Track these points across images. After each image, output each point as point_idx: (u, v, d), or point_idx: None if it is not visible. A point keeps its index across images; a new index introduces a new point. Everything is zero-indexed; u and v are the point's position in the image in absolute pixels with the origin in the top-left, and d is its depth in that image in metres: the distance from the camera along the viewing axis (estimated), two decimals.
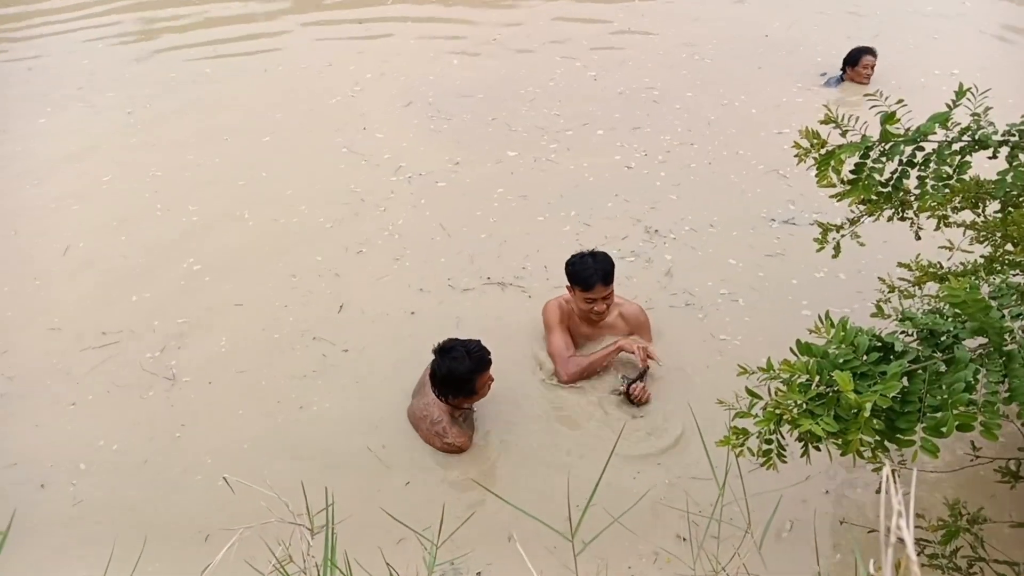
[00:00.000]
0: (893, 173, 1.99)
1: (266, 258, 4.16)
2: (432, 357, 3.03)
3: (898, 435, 1.63)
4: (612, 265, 3.27)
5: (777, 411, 1.59)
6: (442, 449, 3.04)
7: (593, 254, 3.28)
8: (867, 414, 1.51)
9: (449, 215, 4.42)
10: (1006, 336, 1.65)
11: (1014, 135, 1.95)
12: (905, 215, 2.51)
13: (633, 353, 3.25)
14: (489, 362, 2.98)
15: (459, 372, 2.89)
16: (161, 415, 3.29)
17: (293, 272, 4.04)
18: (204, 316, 3.79)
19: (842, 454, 1.65)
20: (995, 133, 1.93)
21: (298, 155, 5.03)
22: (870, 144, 1.94)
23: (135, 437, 3.20)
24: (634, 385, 3.21)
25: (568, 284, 3.33)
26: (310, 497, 1.59)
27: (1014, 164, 1.91)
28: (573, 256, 3.32)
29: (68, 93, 5.89)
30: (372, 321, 3.73)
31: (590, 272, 3.22)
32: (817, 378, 1.60)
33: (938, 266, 2.74)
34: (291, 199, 4.60)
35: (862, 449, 1.62)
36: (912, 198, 2.21)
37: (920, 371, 1.63)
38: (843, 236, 2.52)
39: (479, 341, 3.00)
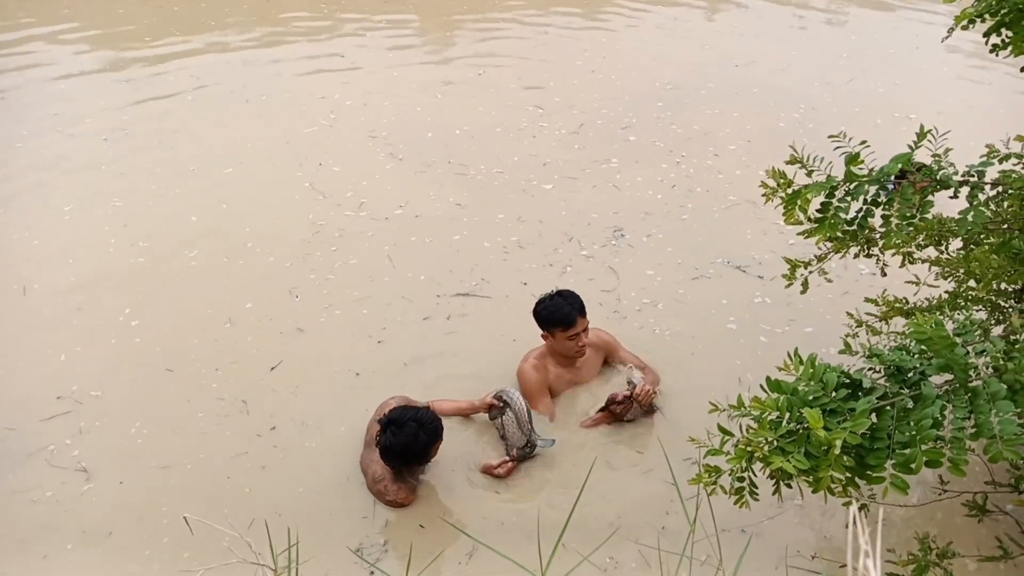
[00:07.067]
0: (858, 212, 2.03)
1: (206, 304, 3.96)
2: (381, 398, 3.00)
3: (868, 471, 1.64)
4: (579, 296, 3.28)
5: (748, 448, 1.59)
6: (386, 504, 2.97)
7: (559, 293, 3.28)
8: (837, 451, 1.52)
9: (412, 254, 4.34)
10: (971, 372, 1.68)
11: (973, 175, 2.01)
12: (871, 252, 2.56)
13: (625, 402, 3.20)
14: (442, 428, 2.93)
15: (416, 448, 2.84)
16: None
17: (230, 318, 3.87)
18: (122, 388, 3.50)
19: (813, 491, 1.66)
20: (955, 174, 1.98)
21: (260, 188, 4.95)
22: (835, 184, 1.98)
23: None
24: (624, 397, 3.18)
25: (544, 332, 3.29)
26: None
27: (974, 204, 1.96)
28: (539, 303, 3.29)
29: (43, 120, 5.78)
30: (313, 378, 3.55)
31: (566, 310, 3.21)
32: (787, 415, 1.60)
33: (904, 301, 2.79)
34: (246, 236, 4.46)
35: (833, 486, 1.62)
36: (877, 236, 2.26)
37: (888, 407, 1.65)
38: (811, 272, 2.56)
39: (428, 408, 2.94)
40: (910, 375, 1.71)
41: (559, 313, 3.22)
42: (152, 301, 4.01)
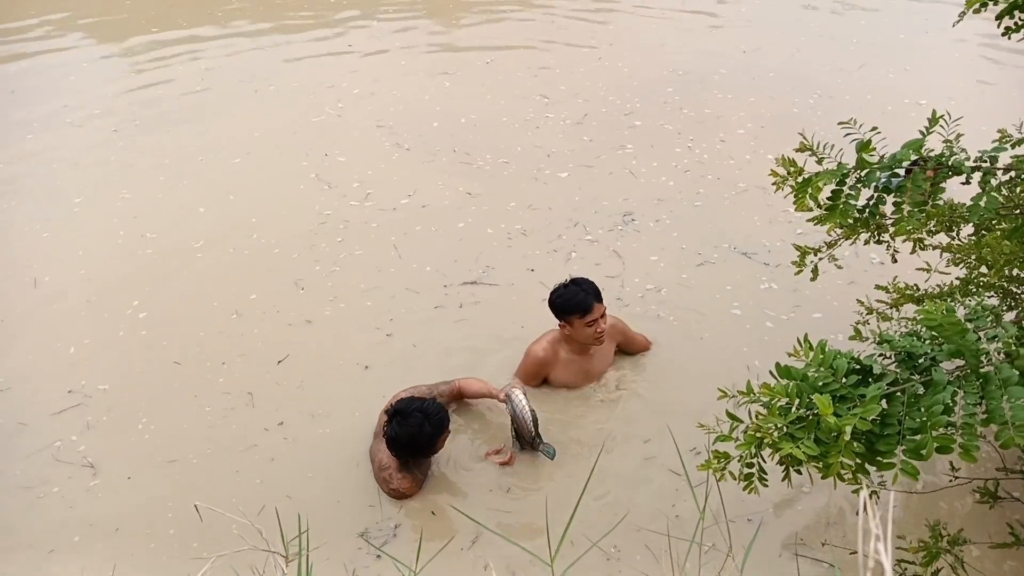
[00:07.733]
0: (869, 199, 2.01)
1: (213, 296, 3.97)
2: (390, 389, 3.01)
3: (878, 458, 1.63)
4: (593, 283, 3.26)
5: (758, 434, 1.58)
6: (388, 494, 2.97)
7: (574, 281, 3.26)
8: (847, 437, 1.51)
9: (418, 244, 4.34)
10: (982, 358, 1.67)
11: (986, 161, 1.98)
12: (881, 239, 2.55)
13: None
14: (449, 420, 2.94)
15: (421, 439, 2.84)
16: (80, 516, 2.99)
17: (236, 310, 3.87)
18: (129, 382, 3.51)
19: (823, 477, 1.65)
20: (967, 159, 1.96)
21: (266, 179, 4.94)
22: (846, 171, 1.96)
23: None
24: None
25: (561, 322, 3.26)
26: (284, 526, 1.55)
27: (987, 189, 1.94)
28: (554, 293, 3.26)
29: (52, 112, 5.80)
30: (321, 371, 3.55)
31: (582, 296, 3.19)
32: (797, 401, 1.60)
33: (915, 288, 2.77)
34: (252, 227, 4.46)
35: (843, 472, 1.62)
36: (888, 222, 2.24)
37: (899, 394, 1.64)
38: (820, 259, 2.54)
39: (435, 400, 2.94)
40: (921, 361, 1.70)
41: (574, 300, 3.19)
42: (160, 293, 4.03)
